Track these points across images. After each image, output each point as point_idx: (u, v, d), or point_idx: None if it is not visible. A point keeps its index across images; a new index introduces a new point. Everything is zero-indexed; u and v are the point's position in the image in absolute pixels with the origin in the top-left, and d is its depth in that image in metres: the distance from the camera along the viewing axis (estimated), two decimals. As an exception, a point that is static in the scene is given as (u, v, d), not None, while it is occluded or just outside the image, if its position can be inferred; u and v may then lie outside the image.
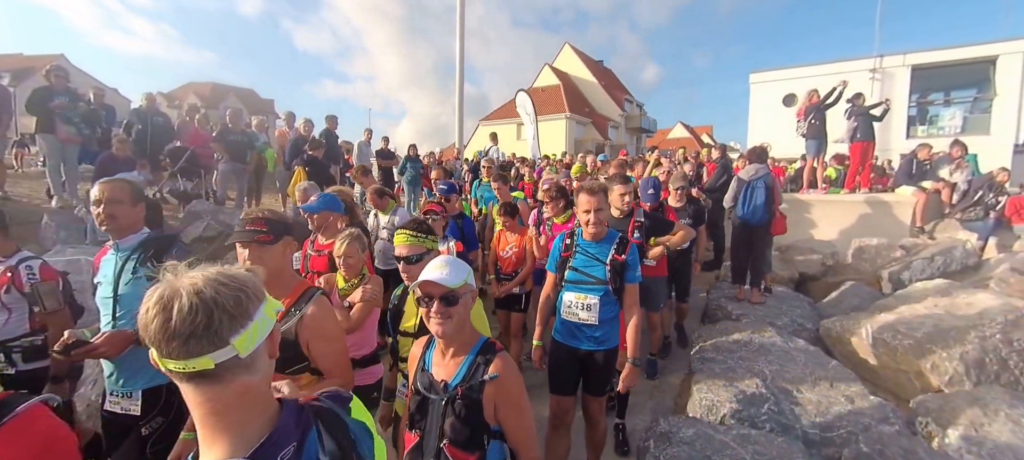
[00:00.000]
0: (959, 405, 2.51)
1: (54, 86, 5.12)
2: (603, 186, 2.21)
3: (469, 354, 1.34)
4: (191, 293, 0.63)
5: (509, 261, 3.53)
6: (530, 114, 13.51)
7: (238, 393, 0.67)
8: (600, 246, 2.19)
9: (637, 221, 2.92)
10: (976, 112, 12.98)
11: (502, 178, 4.46)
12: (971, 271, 4.87)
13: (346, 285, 2.20)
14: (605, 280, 2.15)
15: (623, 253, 2.16)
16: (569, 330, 2.25)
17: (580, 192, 2.18)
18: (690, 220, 3.79)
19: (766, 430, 2.51)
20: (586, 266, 2.20)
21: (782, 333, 3.72)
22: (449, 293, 1.26)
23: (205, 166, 6.83)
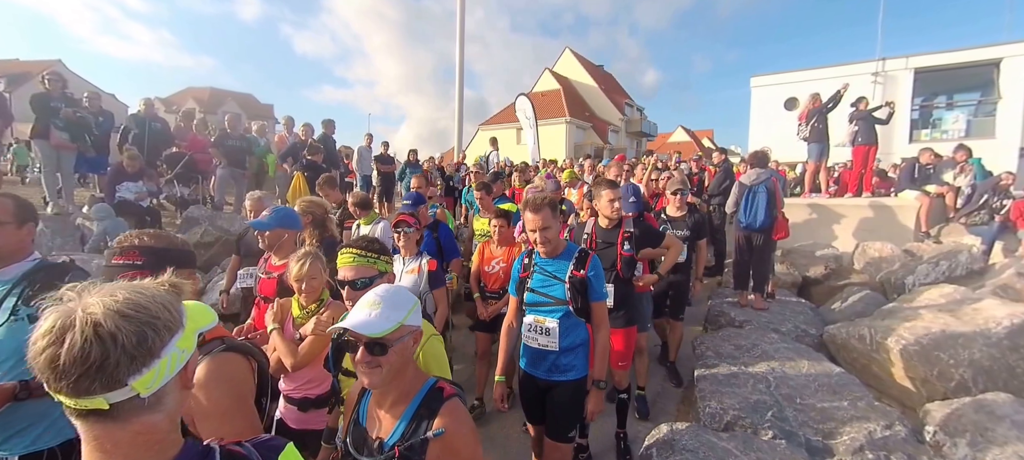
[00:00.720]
0: (966, 412, 2.50)
1: (51, 91, 5.16)
2: (548, 200, 1.97)
3: (410, 405, 1.12)
4: (86, 326, 0.57)
5: (496, 277, 3.22)
6: (530, 118, 13.58)
7: (136, 433, 0.62)
8: (557, 262, 2.01)
9: (627, 231, 2.67)
10: (980, 115, 13.01)
11: (485, 188, 4.18)
12: (977, 276, 4.87)
13: (302, 312, 1.93)
14: (564, 300, 1.97)
15: (583, 268, 1.96)
16: (531, 357, 2.09)
17: (524, 209, 1.99)
18: (689, 231, 3.57)
19: (770, 437, 2.50)
20: (544, 286, 2.03)
21: (785, 339, 3.72)
22: (376, 341, 1.05)
23: (203, 172, 6.86)
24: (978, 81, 13.34)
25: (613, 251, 2.63)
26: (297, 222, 2.53)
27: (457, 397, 1.17)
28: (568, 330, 2.00)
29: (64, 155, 5.26)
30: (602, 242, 2.70)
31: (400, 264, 2.75)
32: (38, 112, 5.03)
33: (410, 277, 2.68)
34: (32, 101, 5.08)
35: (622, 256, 2.62)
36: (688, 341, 3.96)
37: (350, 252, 1.59)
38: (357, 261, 1.57)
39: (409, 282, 2.66)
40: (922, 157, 6.62)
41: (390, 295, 1.14)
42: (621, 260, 2.62)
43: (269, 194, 3.35)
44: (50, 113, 5.01)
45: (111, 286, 0.64)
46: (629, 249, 2.63)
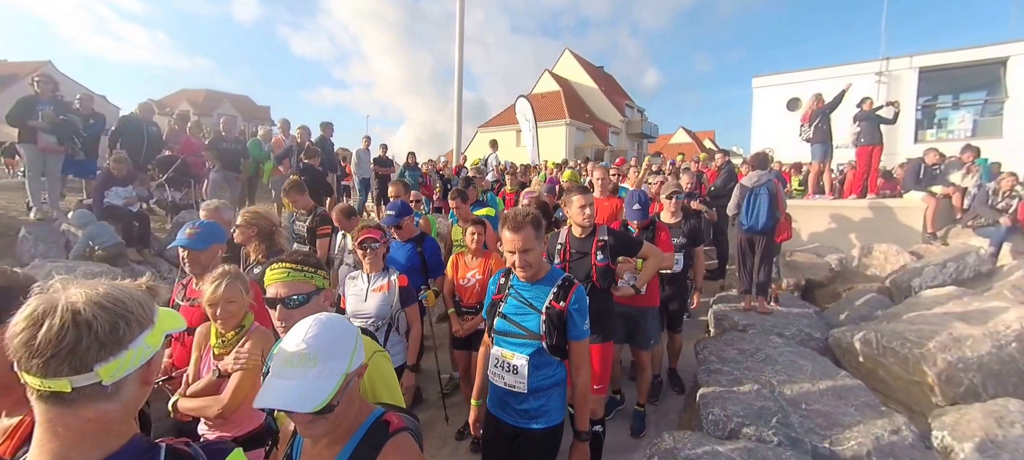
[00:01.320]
0: (975, 418, 2.48)
1: (41, 94, 5.15)
2: (531, 217, 1.72)
3: (349, 442, 0.97)
4: (66, 312, 0.62)
5: (471, 291, 3.05)
6: (530, 120, 13.62)
7: (88, 419, 0.66)
8: (536, 288, 1.77)
9: (600, 240, 2.47)
10: (987, 115, 13.05)
11: (460, 195, 3.98)
12: (984, 278, 4.86)
13: (220, 341, 1.71)
14: (538, 333, 1.71)
15: (564, 299, 1.71)
16: (497, 398, 1.84)
17: (502, 225, 1.74)
18: (685, 238, 3.38)
19: (774, 444, 2.48)
20: (517, 313, 1.77)
21: (789, 343, 3.70)
22: (313, 415, 0.88)
23: (196, 175, 6.85)
24: (984, 80, 13.39)
25: (587, 261, 2.48)
26: (221, 234, 2.24)
27: (406, 431, 1.02)
28: (539, 369, 1.74)
29: (50, 158, 5.23)
30: (576, 252, 2.53)
31: (365, 282, 2.56)
32: (19, 115, 4.98)
33: (377, 296, 2.50)
34: (16, 104, 5.06)
35: (596, 266, 2.47)
36: (690, 348, 3.88)
37: (281, 267, 1.38)
38: (292, 276, 1.36)
39: (377, 301, 2.49)
40: (927, 157, 6.63)
41: (324, 341, 0.91)
42: (595, 270, 2.47)
43: (226, 205, 3.05)
44: (30, 115, 4.96)
45: (94, 280, 0.69)
46: (603, 258, 2.44)
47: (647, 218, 2.97)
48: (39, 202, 5.34)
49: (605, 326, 2.49)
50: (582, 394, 1.78)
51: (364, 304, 2.48)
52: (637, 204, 2.94)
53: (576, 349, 1.76)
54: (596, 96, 30.78)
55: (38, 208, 5.24)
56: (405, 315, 2.55)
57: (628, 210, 2.95)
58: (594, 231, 2.53)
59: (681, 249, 3.33)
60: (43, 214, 5.16)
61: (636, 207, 2.93)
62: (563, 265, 2.51)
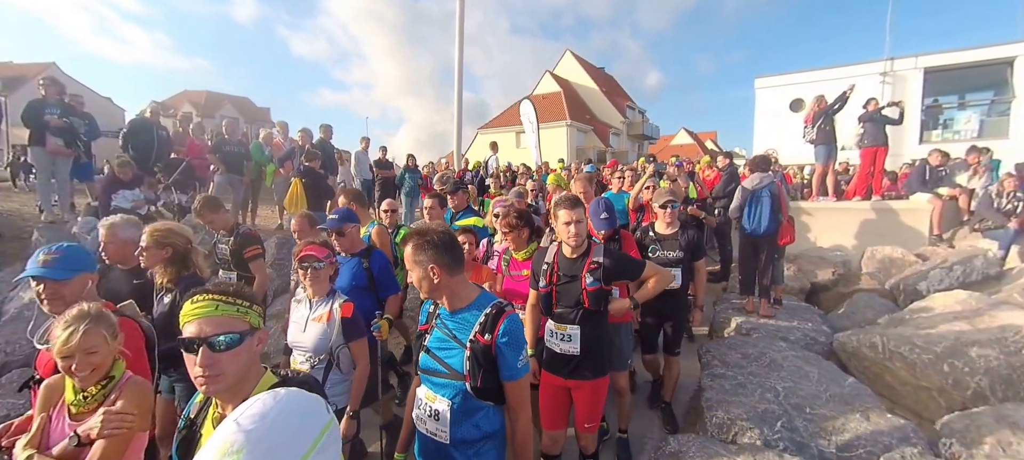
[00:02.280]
0: (985, 423, 2.46)
1: (47, 97, 5.20)
2: (438, 236, 1.45)
3: None
4: None
5: None
6: (533, 123, 13.65)
7: None
8: (461, 317, 1.48)
9: (594, 261, 2.14)
10: (993, 115, 12.95)
11: (437, 197, 3.64)
12: (992, 281, 4.83)
13: (78, 397, 1.37)
14: (461, 373, 1.43)
15: (492, 331, 1.41)
16: (423, 449, 1.57)
17: (405, 244, 1.49)
18: (682, 252, 3.05)
19: (779, 449, 2.46)
20: (440, 347, 1.50)
21: (794, 347, 3.68)
22: None
23: (200, 178, 6.89)
24: (991, 80, 13.29)
25: (577, 286, 2.15)
26: (89, 262, 1.82)
27: None
28: (466, 416, 1.46)
29: (59, 161, 5.28)
30: (565, 275, 2.19)
31: (306, 309, 2.16)
32: (31, 121, 5.06)
33: (317, 327, 2.09)
34: (26, 109, 5.12)
35: (587, 291, 2.12)
36: (688, 378, 3.56)
37: (207, 298, 1.06)
38: (221, 310, 1.05)
39: (315, 333, 2.08)
40: (932, 158, 6.58)
41: (263, 434, 0.64)
42: (587, 295, 2.13)
43: (132, 221, 2.57)
44: (39, 119, 5.03)
45: None
46: (594, 283, 2.11)
47: (613, 227, 2.67)
48: (49, 205, 5.39)
49: (598, 359, 2.18)
50: (522, 444, 1.48)
51: (303, 335, 2.11)
52: (604, 212, 2.63)
53: (512, 391, 1.46)
54: (597, 97, 30.78)
55: (49, 211, 5.30)
56: (350, 351, 2.11)
57: (594, 219, 2.63)
58: (588, 250, 2.20)
59: (679, 264, 3.02)
60: (54, 217, 5.22)
61: (603, 216, 2.61)
62: (549, 289, 2.22)
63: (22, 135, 5.57)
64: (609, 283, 2.19)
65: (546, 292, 2.24)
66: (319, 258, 2.13)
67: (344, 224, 2.72)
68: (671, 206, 3.10)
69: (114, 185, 5.40)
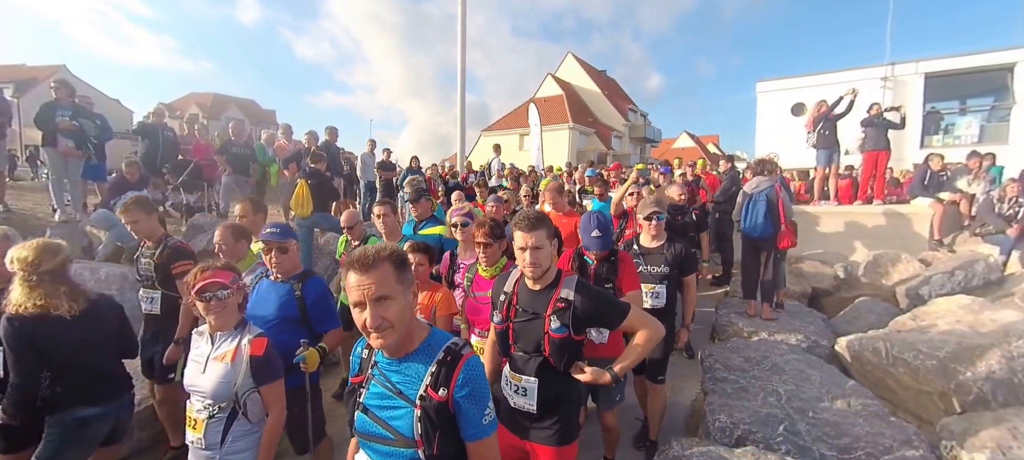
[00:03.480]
0: (986, 427, 2.46)
1: (59, 100, 5.26)
2: (386, 254, 1.13)
3: None
4: None
5: None
6: (537, 125, 13.74)
7: None
8: (406, 365, 1.17)
9: (561, 299, 1.67)
10: (994, 120, 12.92)
11: (387, 205, 3.20)
12: (994, 286, 4.81)
13: None
14: (411, 438, 1.12)
15: (448, 383, 1.12)
16: None
17: (348, 271, 1.12)
18: (668, 267, 2.71)
19: (782, 452, 2.47)
20: (382, 406, 1.17)
21: (796, 351, 3.68)
22: None
23: (208, 179, 6.95)
24: (991, 86, 13.25)
25: (539, 326, 1.68)
26: None
27: None
28: None
29: (71, 162, 5.34)
30: (525, 310, 1.73)
31: (206, 345, 1.76)
32: (43, 123, 5.12)
33: (218, 367, 1.69)
34: (39, 111, 5.18)
35: (549, 336, 1.65)
36: (689, 381, 3.49)
37: None
38: None
39: (216, 375, 1.68)
40: (932, 163, 6.58)
41: None
42: (549, 341, 1.66)
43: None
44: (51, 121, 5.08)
45: None
46: (560, 328, 1.64)
47: (609, 247, 2.30)
48: (63, 204, 5.45)
49: (563, 422, 1.71)
50: None
51: (201, 376, 1.71)
52: (596, 230, 2.25)
53: (477, 455, 1.17)
54: (599, 100, 30.81)
55: (62, 210, 5.36)
56: (261, 397, 1.72)
57: (585, 237, 2.28)
58: (556, 281, 1.72)
59: (663, 280, 2.70)
60: (67, 216, 5.27)
61: (595, 234, 2.25)
62: (505, 325, 1.76)
63: (36, 136, 5.62)
64: (581, 330, 1.69)
65: (502, 329, 1.78)
66: (224, 284, 1.71)
67: (288, 239, 2.25)
68: (656, 218, 2.78)
69: (122, 185, 5.45)
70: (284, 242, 2.22)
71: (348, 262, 1.12)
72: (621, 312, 1.71)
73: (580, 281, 1.74)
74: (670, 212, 4.07)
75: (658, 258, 2.77)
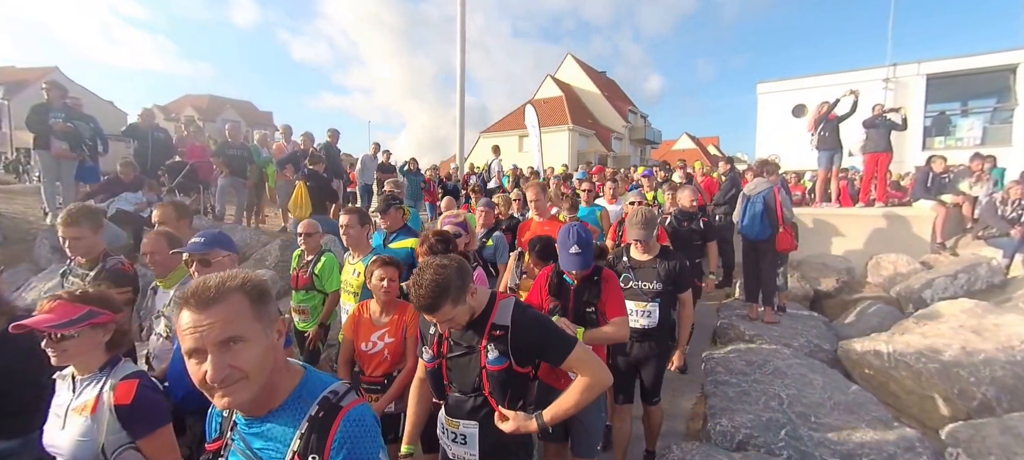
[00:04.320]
0: (990, 434, 2.46)
1: (50, 101, 5.25)
2: (237, 284, 0.87)
3: None
4: None
5: (378, 358, 2.15)
6: (535, 126, 13.77)
7: None
8: (268, 427, 0.92)
9: (497, 326, 1.44)
10: (996, 122, 12.99)
11: (356, 213, 2.88)
12: (997, 290, 4.83)
13: None
14: None
15: (321, 449, 0.88)
16: None
17: (181, 309, 0.85)
18: (661, 282, 2.46)
19: (784, 457, 2.47)
20: None
21: (798, 354, 3.69)
22: None
23: (204, 181, 6.94)
24: (994, 87, 13.33)
25: (475, 362, 1.47)
26: None
27: None
28: None
29: (64, 164, 5.33)
30: (458, 344, 1.50)
31: (67, 393, 1.39)
32: (34, 122, 5.11)
33: (77, 420, 1.33)
34: (30, 113, 5.17)
35: (488, 371, 1.44)
36: (691, 383, 3.52)
37: None
38: None
39: (75, 431, 1.31)
40: (934, 165, 6.60)
41: None
42: (487, 377, 1.45)
43: None
44: (43, 123, 5.07)
45: None
46: (499, 358, 1.42)
47: (589, 265, 2.03)
48: (55, 207, 5.43)
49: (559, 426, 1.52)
50: None
51: (60, 433, 1.34)
52: (575, 246, 1.98)
53: None
54: (599, 101, 30.87)
55: (54, 213, 5.34)
56: (140, 453, 1.34)
57: (562, 254, 2.04)
58: (490, 306, 1.48)
59: (656, 297, 2.46)
60: (60, 219, 5.25)
61: (573, 250, 1.98)
62: (437, 363, 1.54)
63: (26, 138, 5.61)
64: (525, 362, 1.46)
65: (433, 368, 1.54)
66: (64, 320, 1.31)
67: (212, 249, 1.86)
68: (643, 237, 2.48)
69: (115, 185, 5.44)
70: (206, 253, 1.87)
71: (181, 297, 0.84)
72: (564, 347, 1.42)
73: (518, 303, 1.51)
74: (677, 218, 4.11)
75: (650, 273, 2.51)
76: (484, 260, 3.37)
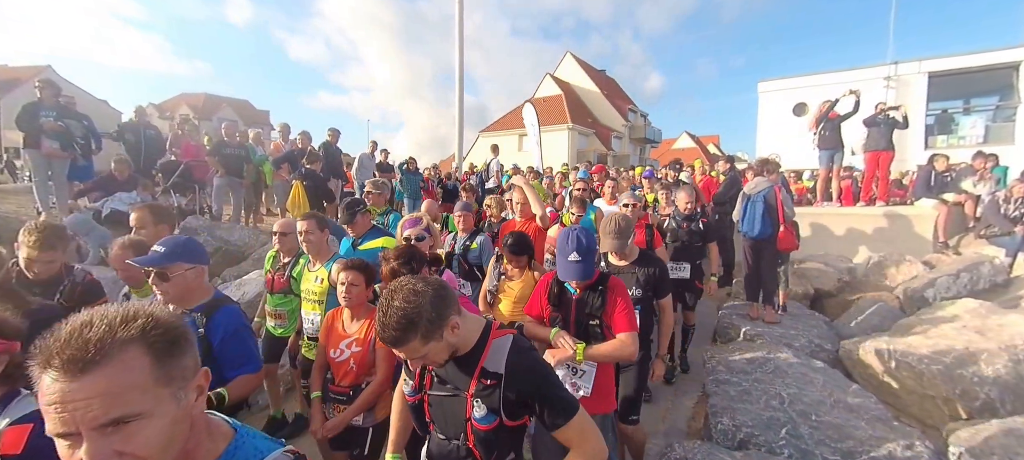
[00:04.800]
0: (995, 435, 2.46)
1: (43, 100, 5.23)
2: (143, 332, 0.64)
3: None
4: None
5: (345, 367, 2.05)
6: (534, 125, 13.76)
7: None
8: None
9: (488, 374, 1.24)
10: (999, 120, 13.01)
11: (315, 218, 2.70)
12: (1000, 289, 4.83)
13: None
14: None
15: None
16: None
17: (42, 370, 0.60)
18: (641, 288, 2.35)
19: (785, 456, 2.47)
20: None
21: (799, 354, 3.69)
22: None
23: (199, 180, 6.93)
24: (996, 85, 13.34)
25: (459, 409, 1.29)
26: None
27: None
28: None
29: (55, 163, 5.31)
30: (442, 381, 1.33)
31: None
32: (25, 120, 5.09)
33: None
34: (21, 112, 5.15)
35: (474, 425, 1.27)
36: (693, 382, 3.50)
37: None
38: None
39: None
40: (937, 164, 6.61)
41: None
42: (473, 431, 1.28)
43: None
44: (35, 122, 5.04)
45: None
46: (488, 417, 1.25)
47: (589, 276, 1.89)
48: (48, 207, 5.41)
49: None
50: None
51: None
52: (574, 253, 1.81)
53: None
54: (598, 100, 30.88)
55: (47, 213, 5.33)
56: None
57: (561, 262, 1.87)
58: (483, 342, 1.27)
59: (637, 304, 2.30)
60: (52, 219, 5.23)
61: (573, 257, 1.81)
62: (418, 397, 1.35)
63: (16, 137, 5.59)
64: (518, 415, 1.26)
65: (415, 402, 1.36)
66: None
67: (172, 263, 1.66)
68: (618, 246, 2.32)
69: (109, 184, 5.43)
70: (164, 267, 1.66)
71: (43, 354, 0.60)
72: (565, 411, 1.20)
73: (516, 344, 1.26)
74: (676, 221, 4.03)
75: (628, 279, 2.33)
76: (470, 264, 3.40)
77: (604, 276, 1.99)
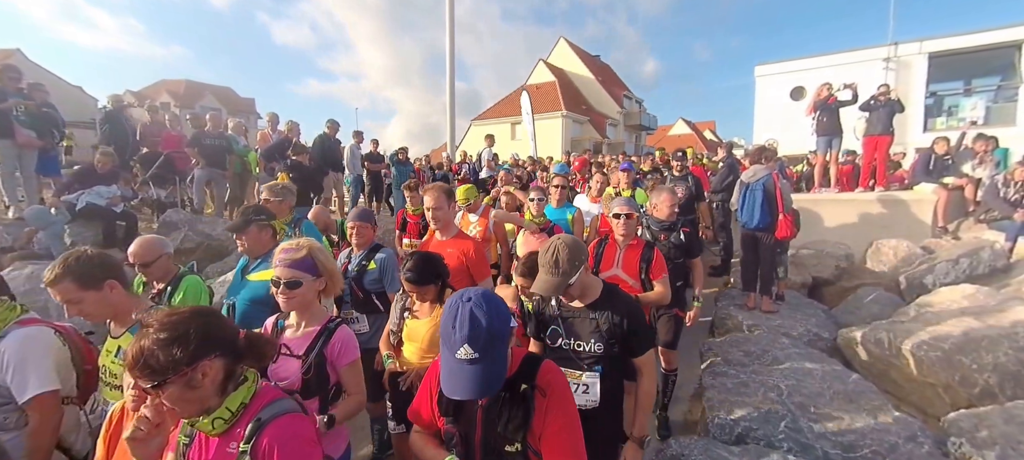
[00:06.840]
0: (995, 422, 2.45)
1: (6, 87, 5.03)
2: None
3: None
4: None
5: None
6: (529, 114, 13.66)
7: None
8: None
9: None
10: (1000, 101, 13.00)
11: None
12: (1000, 274, 4.84)
13: None
14: None
15: None
16: None
17: None
18: (602, 341, 1.77)
19: (784, 450, 2.45)
20: None
21: (797, 344, 3.68)
22: None
23: (180, 172, 6.77)
24: (997, 65, 13.30)
25: None
26: None
27: None
28: None
29: (26, 154, 5.13)
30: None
31: None
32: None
33: None
34: None
35: None
36: (689, 376, 3.44)
37: None
38: None
39: None
40: (937, 147, 6.59)
41: None
42: None
43: None
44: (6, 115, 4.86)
45: None
46: None
47: (500, 384, 1.36)
48: (16, 200, 5.26)
49: None
50: None
51: None
52: (465, 347, 1.28)
53: None
54: (593, 86, 30.64)
55: (15, 206, 5.18)
56: None
57: (444, 358, 1.38)
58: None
59: (596, 364, 1.81)
60: (21, 213, 5.09)
61: (463, 355, 1.30)
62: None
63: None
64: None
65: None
66: None
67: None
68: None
69: (89, 176, 5.28)
70: None
71: None
72: None
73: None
74: (653, 231, 3.11)
75: (585, 327, 1.72)
76: (366, 290, 2.60)
77: (529, 365, 1.27)
